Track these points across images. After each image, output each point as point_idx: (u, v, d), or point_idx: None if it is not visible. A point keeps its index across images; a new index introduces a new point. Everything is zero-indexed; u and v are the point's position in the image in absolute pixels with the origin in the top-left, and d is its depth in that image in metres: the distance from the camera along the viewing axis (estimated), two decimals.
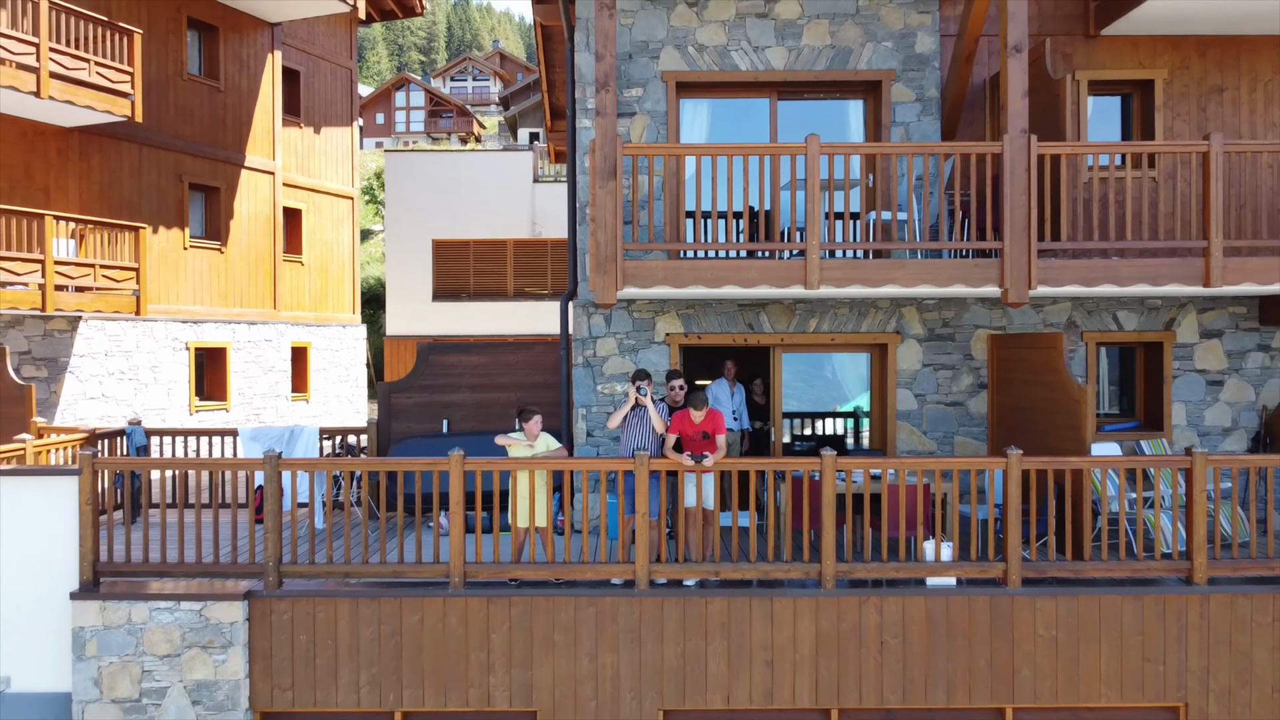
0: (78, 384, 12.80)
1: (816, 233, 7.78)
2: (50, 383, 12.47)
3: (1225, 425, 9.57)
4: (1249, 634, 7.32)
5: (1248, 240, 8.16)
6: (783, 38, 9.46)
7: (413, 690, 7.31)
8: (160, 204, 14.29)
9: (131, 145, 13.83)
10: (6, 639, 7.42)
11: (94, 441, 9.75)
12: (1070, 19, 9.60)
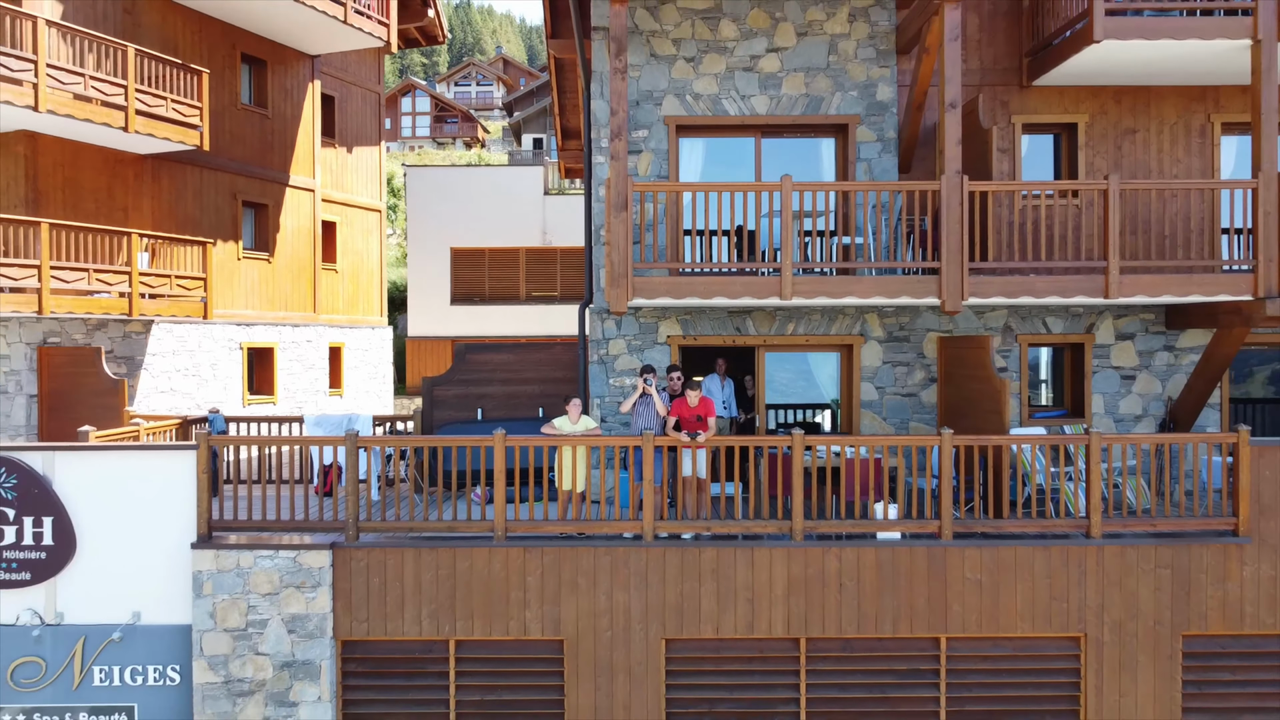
0: (150, 379, 14.62)
1: (789, 253, 9.60)
2: (129, 378, 14.27)
3: (1137, 413, 11.39)
4: (1136, 578, 9.13)
5: (1141, 260, 9.99)
6: (765, 87, 11.28)
7: (464, 621, 9.12)
8: (218, 220, 16.11)
9: (194, 168, 15.65)
10: (137, 582, 9.23)
11: (186, 426, 11.58)
12: (1007, 71, 11.41)
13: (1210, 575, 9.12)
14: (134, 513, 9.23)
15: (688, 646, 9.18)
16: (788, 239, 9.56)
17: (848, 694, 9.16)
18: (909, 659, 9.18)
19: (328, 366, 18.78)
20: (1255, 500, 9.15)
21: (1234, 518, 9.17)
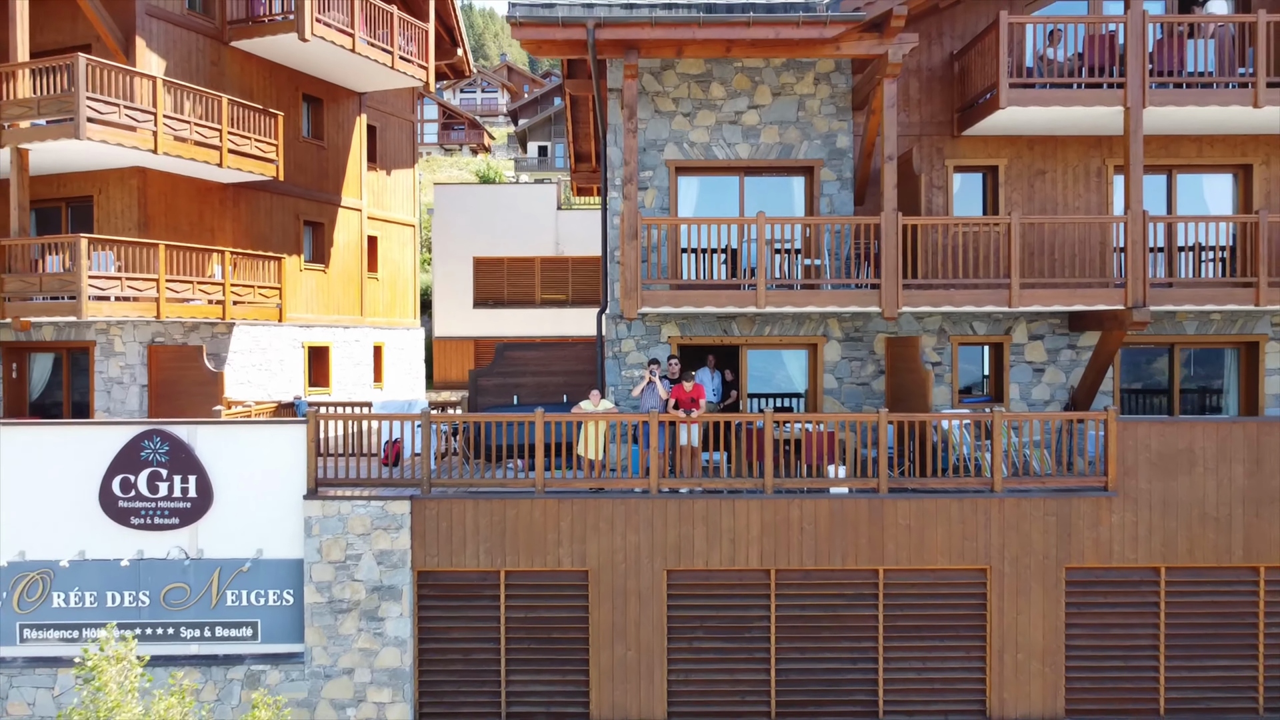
0: (232, 372, 17.34)
1: (763, 272, 12.34)
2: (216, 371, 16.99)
3: (1046, 399, 14.14)
4: (1029, 523, 11.86)
5: (1045, 277, 12.74)
6: (747, 137, 14.03)
7: (511, 556, 11.85)
8: (284, 237, 18.85)
9: (265, 194, 18.40)
10: (260, 526, 11.96)
11: (280, 409, 14.31)
12: (942, 124, 14.16)
13: (1086, 521, 11.85)
14: (257, 472, 11.96)
15: (684, 576, 11.91)
16: (761, 261, 12.31)
17: (807, 613, 11.90)
18: (855, 585, 11.92)
19: (372, 362, 21.54)
20: (1121, 463, 11.89)
21: (1105, 477, 11.90)
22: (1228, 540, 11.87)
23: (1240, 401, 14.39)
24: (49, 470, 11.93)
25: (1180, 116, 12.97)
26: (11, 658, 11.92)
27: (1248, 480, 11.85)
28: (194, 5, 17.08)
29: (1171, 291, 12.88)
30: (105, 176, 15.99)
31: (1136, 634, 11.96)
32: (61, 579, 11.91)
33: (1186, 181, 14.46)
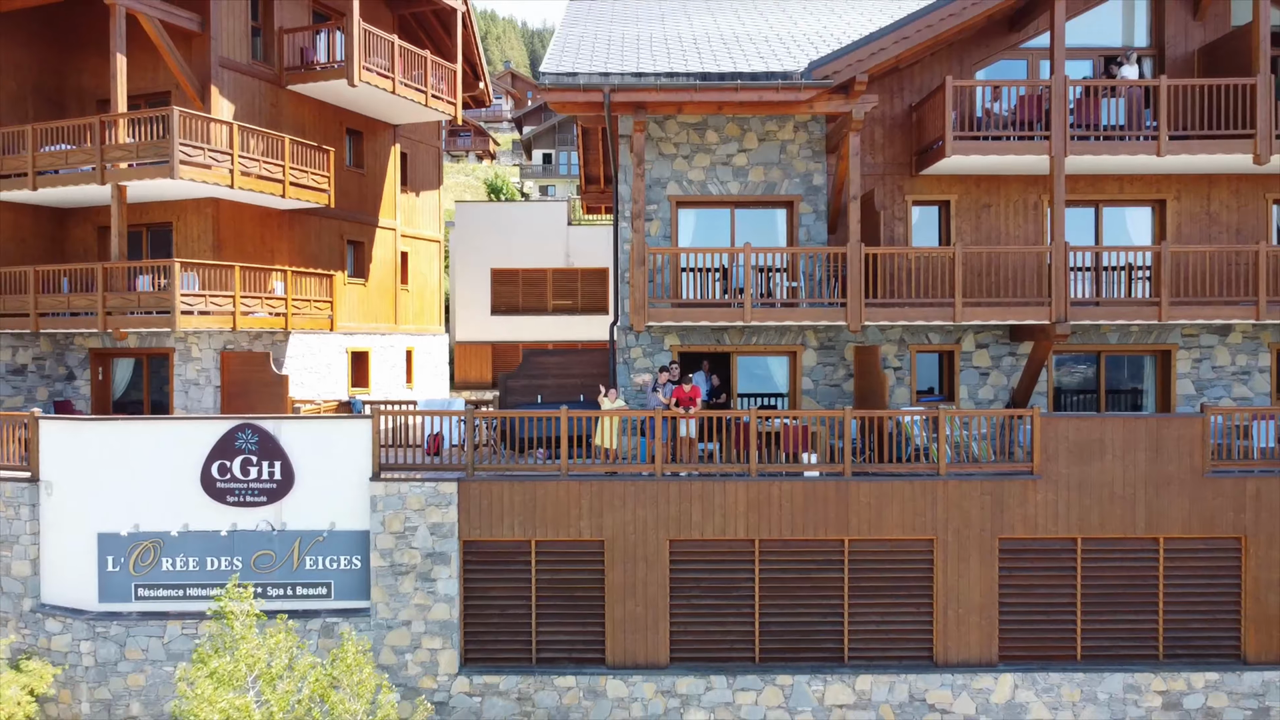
0: (289, 375, 19.83)
1: (749, 292, 14.83)
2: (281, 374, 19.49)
3: (991, 398, 16.65)
4: (969, 501, 14.34)
5: (987, 296, 15.24)
6: (737, 176, 16.55)
7: (540, 529, 14.34)
8: (330, 255, 21.36)
9: (315, 218, 20.90)
10: (333, 503, 14.45)
11: (340, 407, 16.82)
12: (902, 164, 16.65)
13: (1016, 499, 14.35)
14: (330, 459, 14.46)
15: (683, 545, 14.41)
16: (748, 283, 14.83)
17: (785, 575, 14.40)
18: (824, 553, 14.41)
19: (404, 365, 24.05)
20: (1045, 452, 14.38)
21: (1031, 463, 14.40)
22: (1132, 515, 14.36)
23: (1157, 400, 16.91)
24: (159, 456, 14.44)
25: (1102, 160, 15.46)
26: (128, 612, 14.44)
27: (1149, 466, 14.34)
28: (257, 54, 19.59)
29: (1097, 309, 15.36)
30: (183, 206, 18.49)
31: (1057, 593, 14.46)
32: (169, 547, 14.43)
33: (1112, 213, 16.97)
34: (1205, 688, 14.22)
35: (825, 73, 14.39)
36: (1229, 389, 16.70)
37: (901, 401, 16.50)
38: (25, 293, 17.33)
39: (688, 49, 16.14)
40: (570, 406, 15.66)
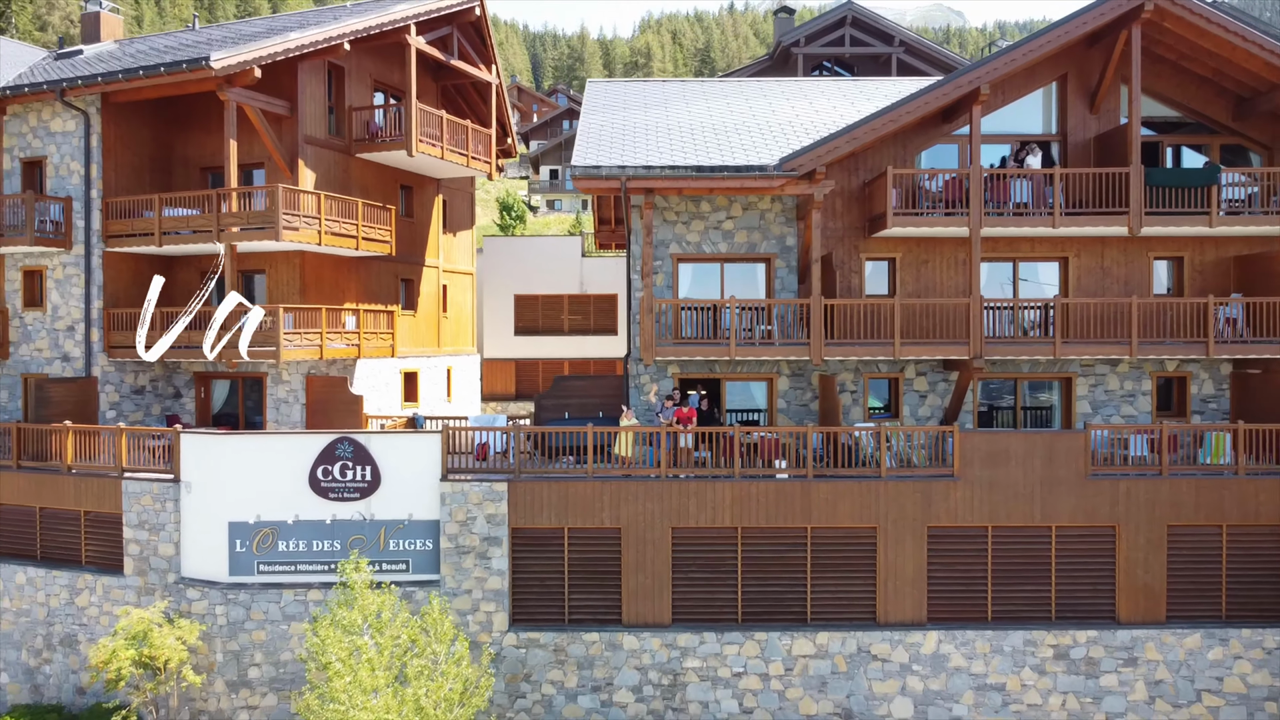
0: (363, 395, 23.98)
1: (734, 330, 19.00)
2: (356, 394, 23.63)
3: (928, 416, 20.81)
4: (904, 497, 18.49)
5: (918, 338, 19.41)
6: (725, 238, 20.72)
7: (571, 519, 18.51)
8: (388, 292, 25.53)
9: (377, 261, 25.07)
10: (410, 498, 18.59)
11: (408, 423, 20.98)
12: (858, 228, 20.82)
13: (941, 496, 18.49)
14: (408, 463, 18.61)
15: (682, 531, 18.56)
16: (733, 326, 19.00)
17: (762, 555, 18.55)
18: (792, 537, 18.57)
19: (445, 382, 28.22)
20: (963, 459, 18.52)
21: (952, 468, 18.56)
22: (1031, 509, 18.51)
23: (1061, 417, 21.09)
24: (276, 462, 18.61)
25: (1011, 230, 19.60)
26: (252, 583, 18.62)
27: (1043, 470, 18.49)
28: (332, 130, 23.76)
29: (1006, 346, 19.50)
30: (274, 257, 22.64)
31: (973, 569, 18.61)
32: (284, 532, 18.61)
33: (1027, 267, 21.14)
34: (1087, 642, 18.37)
35: (792, 165, 18.57)
36: (1118, 409, 20.89)
37: (856, 419, 20.68)
38: (156, 330, 21.46)
39: (686, 139, 20.35)
40: (593, 423, 19.85)
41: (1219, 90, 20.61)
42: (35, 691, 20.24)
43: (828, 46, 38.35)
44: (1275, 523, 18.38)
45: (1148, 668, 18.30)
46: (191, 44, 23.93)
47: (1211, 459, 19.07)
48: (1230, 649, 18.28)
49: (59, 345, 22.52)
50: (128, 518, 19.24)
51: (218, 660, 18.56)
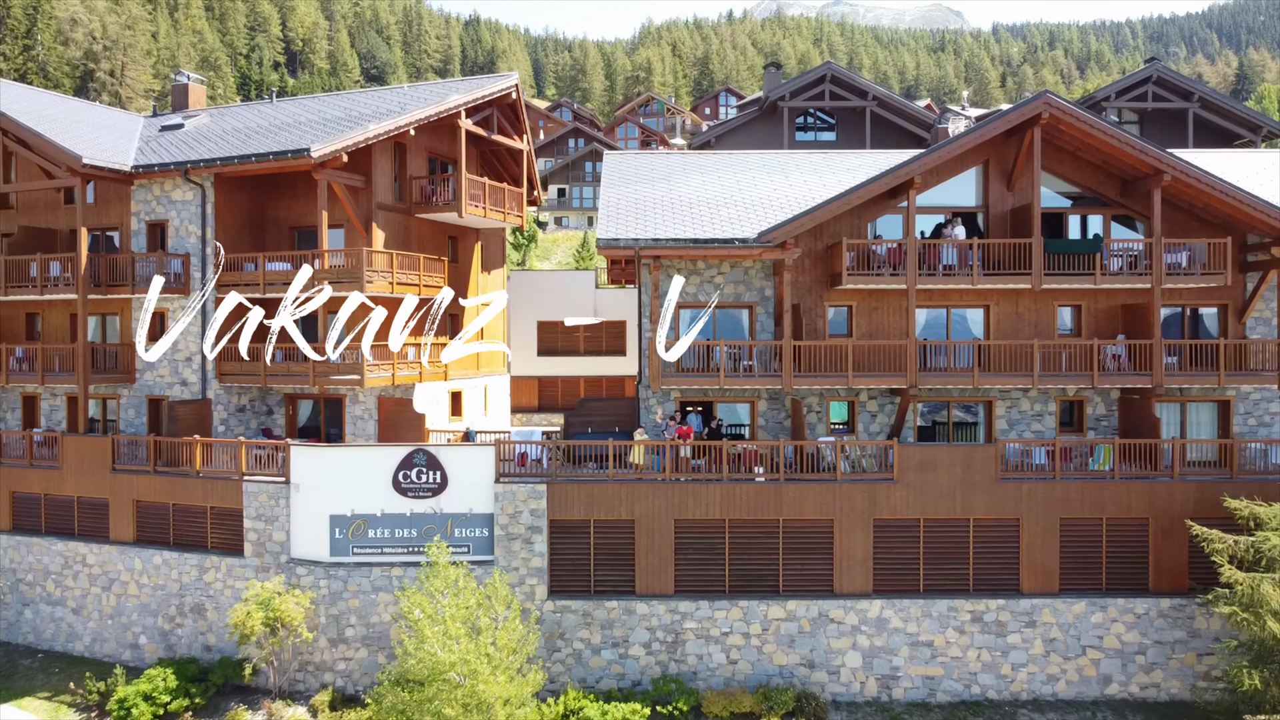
0: (424, 414, 29.26)
1: (722, 366, 24.32)
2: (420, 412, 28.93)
3: (878, 432, 26.13)
4: (856, 496, 23.79)
5: (866, 370, 24.74)
6: (717, 289, 26.04)
7: (596, 512, 23.80)
8: (440, 325, 30.83)
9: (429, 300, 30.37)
10: (471, 496, 23.88)
11: (464, 436, 26.30)
12: (822, 281, 26.12)
13: (884, 495, 23.80)
14: (469, 469, 23.90)
15: (683, 522, 23.85)
16: (722, 360, 24.31)
17: (745, 540, 23.86)
18: (768, 527, 23.87)
19: (483, 399, 33.52)
20: (901, 466, 23.80)
21: (893, 473, 23.86)
22: (953, 505, 23.80)
23: (985, 433, 26.40)
24: (366, 468, 23.90)
25: (941, 286, 24.86)
26: (348, 562, 23.92)
27: (963, 475, 23.78)
28: (397, 196, 29.06)
29: (935, 376, 24.78)
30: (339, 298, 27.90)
31: (908, 551, 23.90)
32: (373, 523, 23.90)
33: (957, 313, 26.45)
34: (997, 609, 23.66)
35: (768, 238, 23.89)
36: (1029, 425, 26.22)
37: (821, 434, 26.01)
38: (258, 360, 26.75)
39: (686, 212, 25.69)
40: (612, 437, 25.14)
41: (1109, 174, 25.94)
42: (169, 649, 25.53)
43: (810, 100, 43.78)
44: (1143, 516, 23.70)
45: (1044, 629, 23.61)
46: (279, 124, 29.23)
47: (1099, 466, 24.40)
48: (1108, 614, 23.59)
49: (179, 373, 27.83)
50: (247, 511, 24.55)
51: (321, 622, 23.87)
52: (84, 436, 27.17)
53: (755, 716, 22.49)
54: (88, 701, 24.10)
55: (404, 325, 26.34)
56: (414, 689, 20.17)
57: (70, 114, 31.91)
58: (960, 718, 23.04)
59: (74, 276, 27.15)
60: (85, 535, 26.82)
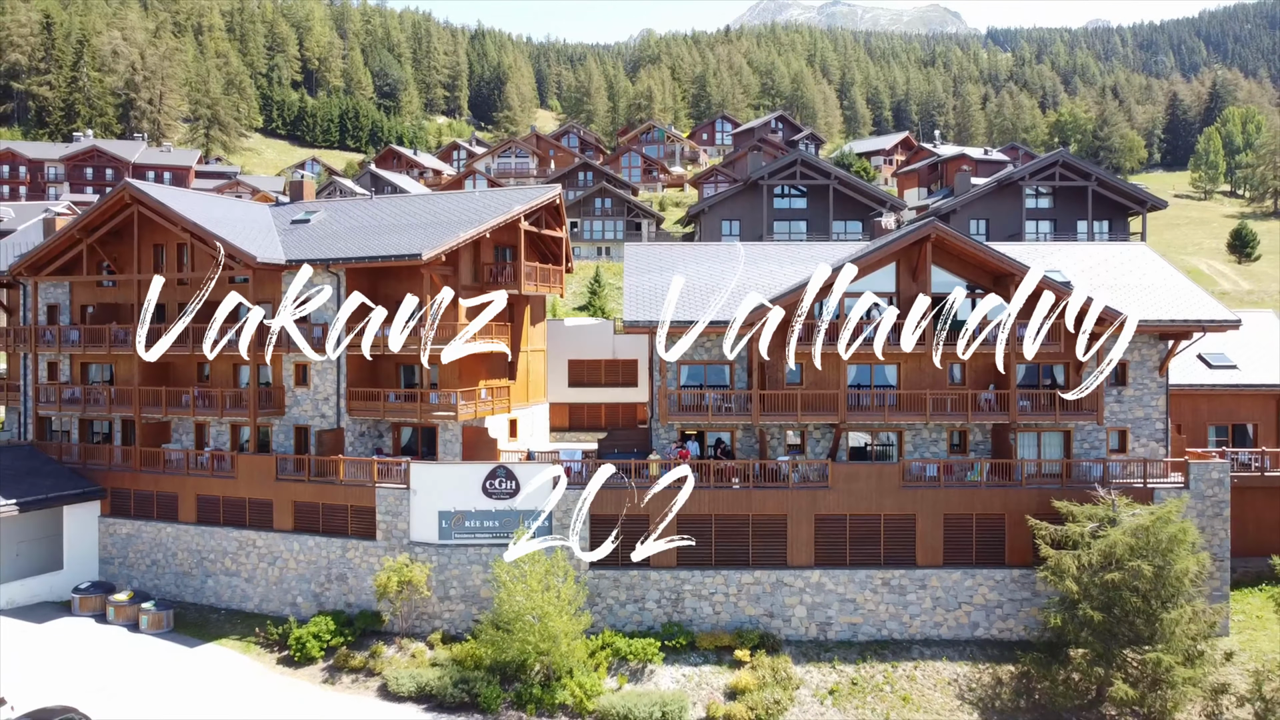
0: (496, 439, 39.86)
1: (710, 406, 34.95)
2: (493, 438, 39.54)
3: (822, 453, 36.78)
4: (803, 498, 34.43)
5: (813, 410, 35.40)
6: (708, 351, 36.72)
7: (622, 509, 34.49)
8: (501, 369, 41.42)
9: (496, 352, 40.97)
10: (536, 497, 34.47)
11: (527, 455, 36.96)
12: (780, 346, 36.78)
13: (823, 497, 34.44)
14: (536, 479, 34.52)
15: (683, 517, 34.48)
16: (710, 403, 34.96)
17: (727, 529, 34.50)
18: (742, 519, 34.52)
19: (531, 424, 44.15)
20: (834, 478, 34.45)
21: (829, 483, 34.49)
22: (870, 504, 34.44)
23: (898, 453, 37.07)
24: (464, 478, 34.53)
25: (865, 349, 35.47)
26: (451, 544, 34.57)
27: (878, 484, 34.42)
28: (474, 277, 39.65)
29: (860, 414, 35.38)
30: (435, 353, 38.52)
31: (839, 536, 34.55)
32: (468, 516, 34.55)
33: (879, 368, 37.08)
34: (899, 576, 34.33)
35: (746, 319, 34.53)
36: (929, 449, 36.91)
37: (780, 455, 36.68)
38: (378, 400, 37.32)
39: (687, 297, 36.35)
40: (633, 457, 35.83)
41: (985, 271, 36.60)
42: (319, 606, 36.12)
43: (784, 180, 54.59)
44: (1001, 512, 34.37)
45: (932, 590, 34.27)
46: (385, 225, 39.83)
47: (975, 477, 35.08)
48: (976, 580, 34.27)
49: (319, 408, 38.45)
50: (379, 508, 35.17)
51: (432, 585, 34.51)
52: (253, 455, 37.83)
53: (731, 649, 33.15)
54: (269, 640, 34.74)
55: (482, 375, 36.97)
56: (504, 628, 30.83)
57: (214, 207, 42.47)
58: (874, 650, 33.74)
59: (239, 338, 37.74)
60: (254, 525, 37.45)
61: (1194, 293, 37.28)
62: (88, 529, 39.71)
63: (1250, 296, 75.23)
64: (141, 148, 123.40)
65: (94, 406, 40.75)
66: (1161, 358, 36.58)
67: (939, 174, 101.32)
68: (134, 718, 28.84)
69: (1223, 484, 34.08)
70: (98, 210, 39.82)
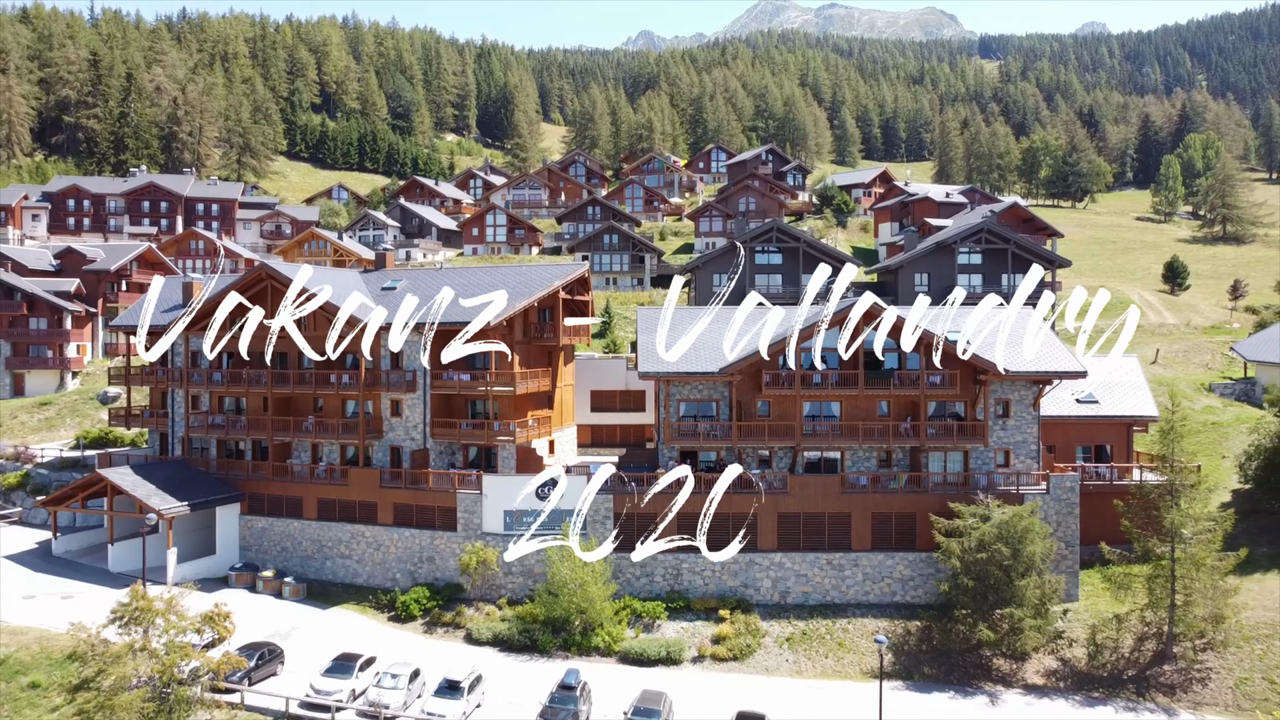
0: (542, 456, 52.69)
1: (701, 433, 47.81)
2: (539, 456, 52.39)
3: (784, 466, 49.73)
4: (770, 501, 47.34)
5: (780, 438, 48.32)
6: (699, 391, 49.64)
7: (638, 509, 47.30)
8: (543, 402, 54.26)
9: (541, 391, 53.81)
10: (574, 498, 47.29)
11: (567, 469, 49.85)
12: (755, 387, 49.62)
13: (784, 499, 47.30)
14: (573, 485, 47.36)
15: (683, 514, 47.36)
16: (701, 430, 47.85)
17: (715, 522, 47.39)
18: (725, 515, 47.40)
19: (564, 443, 56.98)
20: (792, 485, 47.32)
21: (788, 489, 47.37)
22: (819, 505, 47.28)
23: (840, 467, 50.00)
24: (522, 485, 47.40)
25: (819, 390, 48.25)
26: (513, 535, 47.46)
27: (825, 491, 47.26)
28: (524, 333, 52.54)
29: (812, 439, 48.22)
30: (500, 392, 51.34)
31: (795, 528, 47.40)
32: (524, 514, 47.44)
33: (829, 404, 49.97)
34: (839, 558, 47.25)
35: (726, 369, 47.42)
36: (864, 464, 49.83)
37: (754, 469, 49.57)
38: (455, 428, 50.18)
39: (687, 351, 49.26)
40: (645, 470, 48.78)
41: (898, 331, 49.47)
42: (414, 581, 48.97)
43: (762, 242, 67.60)
44: (914, 511, 47.28)
45: (862, 568, 47.20)
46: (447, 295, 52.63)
47: (896, 486, 47.98)
48: (895, 561, 47.21)
49: (409, 433, 51.29)
50: (459, 508, 48.03)
51: (500, 564, 47.39)
52: (362, 469, 50.71)
53: (717, 610, 46.03)
54: (379, 604, 47.64)
55: (529, 407, 49.79)
56: (554, 593, 43.79)
57: (323, 276, 55.28)
58: (820, 611, 46.68)
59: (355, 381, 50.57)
60: (363, 520, 50.29)
61: (1059, 350, 50.21)
62: (231, 523, 52.57)
63: (1160, 330, 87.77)
64: (191, 181, 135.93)
65: (234, 430, 53.63)
66: (1035, 396, 49.55)
67: (909, 210, 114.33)
68: (309, 652, 41.71)
69: (1074, 490, 47.06)
70: (239, 284, 52.66)
